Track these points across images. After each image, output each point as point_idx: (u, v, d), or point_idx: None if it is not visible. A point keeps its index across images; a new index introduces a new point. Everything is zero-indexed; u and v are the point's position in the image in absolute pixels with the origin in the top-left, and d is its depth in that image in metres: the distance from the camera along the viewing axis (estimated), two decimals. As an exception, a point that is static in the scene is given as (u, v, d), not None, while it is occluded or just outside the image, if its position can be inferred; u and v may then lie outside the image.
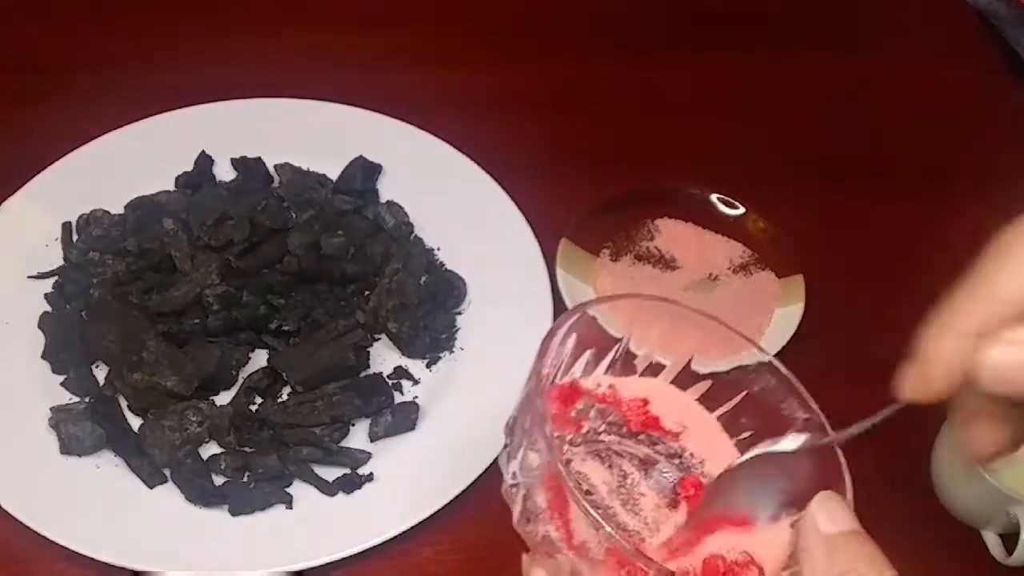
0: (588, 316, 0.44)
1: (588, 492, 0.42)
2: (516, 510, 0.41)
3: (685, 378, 0.46)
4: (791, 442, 0.42)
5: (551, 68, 0.90)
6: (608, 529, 0.36)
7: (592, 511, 0.36)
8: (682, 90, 0.90)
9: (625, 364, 0.46)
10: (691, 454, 0.45)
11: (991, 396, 0.36)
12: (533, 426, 0.39)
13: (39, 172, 0.77)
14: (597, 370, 0.46)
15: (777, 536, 0.41)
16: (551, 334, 0.42)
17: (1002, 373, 0.35)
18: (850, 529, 0.38)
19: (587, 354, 0.45)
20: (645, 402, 0.45)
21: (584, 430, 0.44)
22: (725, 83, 0.91)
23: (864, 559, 0.37)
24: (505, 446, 0.42)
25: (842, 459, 0.42)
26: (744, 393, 0.45)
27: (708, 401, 0.46)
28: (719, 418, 0.46)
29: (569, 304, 0.71)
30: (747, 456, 0.42)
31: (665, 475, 0.44)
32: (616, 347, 0.45)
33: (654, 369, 0.46)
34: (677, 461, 0.45)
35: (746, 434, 0.45)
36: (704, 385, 0.46)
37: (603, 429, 0.45)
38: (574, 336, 0.43)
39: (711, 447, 0.45)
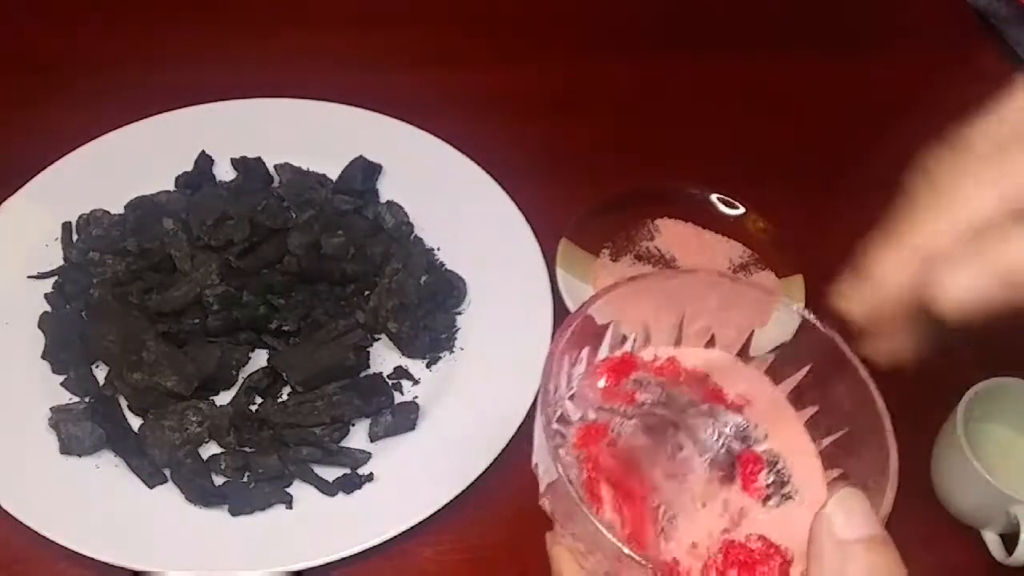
0: (588, 320, 0.43)
1: (633, 466, 0.41)
2: (543, 483, 0.40)
3: (745, 352, 0.45)
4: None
5: (551, 68, 0.90)
6: (614, 541, 0.35)
7: (598, 524, 0.35)
8: (682, 90, 0.90)
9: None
10: (756, 426, 0.43)
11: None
12: (548, 457, 0.38)
13: (39, 172, 0.77)
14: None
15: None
16: (551, 354, 0.41)
17: (968, 303, 0.35)
18: (868, 536, 0.34)
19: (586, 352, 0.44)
20: (706, 375, 0.44)
21: (640, 402, 0.43)
22: (725, 83, 0.91)
23: (880, 573, 0.34)
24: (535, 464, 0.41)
25: (875, 392, 0.41)
26: (808, 367, 0.43)
27: (773, 374, 0.45)
28: (787, 394, 0.44)
29: (569, 304, 0.71)
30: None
31: (722, 450, 0.43)
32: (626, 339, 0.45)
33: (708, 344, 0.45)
34: (739, 435, 0.43)
35: (811, 410, 0.44)
36: (768, 358, 0.45)
37: (662, 401, 0.43)
38: (578, 347, 0.43)
39: (776, 421, 0.44)
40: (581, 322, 0.42)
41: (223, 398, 0.68)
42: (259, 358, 0.70)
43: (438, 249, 0.76)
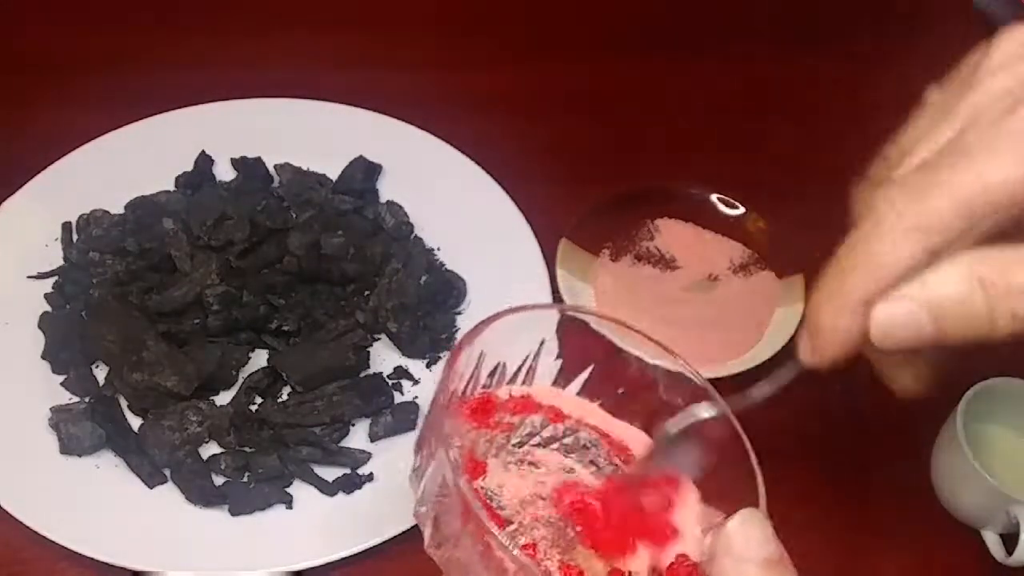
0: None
1: (500, 508, 0.41)
2: (427, 533, 0.39)
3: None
4: (706, 410, 0.41)
5: (551, 68, 0.90)
6: (515, 552, 0.34)
7: (497, 534, 0.34)
8: (682, 90, 0.90)
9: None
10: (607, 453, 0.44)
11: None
12: (438, 445, 0.37)
13: (39, 172, 0.77)
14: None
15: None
16: (458, 347, 0.40)
17: (894, 331, 0.36)
18: (764, 558, 0.34)
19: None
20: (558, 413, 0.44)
21: (513, 439, 0.43)
22: (725, 83, 0.91)
23: None
24: (414, 468, 0.41)
25: (743, 436, 0.40)
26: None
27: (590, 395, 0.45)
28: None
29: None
30: (659, 436, 0.41)
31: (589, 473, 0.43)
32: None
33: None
34: (595, 460, 0.44)
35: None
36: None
37: (528, 435, 0.44)
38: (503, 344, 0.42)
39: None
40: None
41: (223, 398, 0.68)
42: (259, 358, 0.70)
43: (438, 249, 0.76)
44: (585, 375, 0.45)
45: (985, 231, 0.35)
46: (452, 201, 0.78)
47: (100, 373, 0.68)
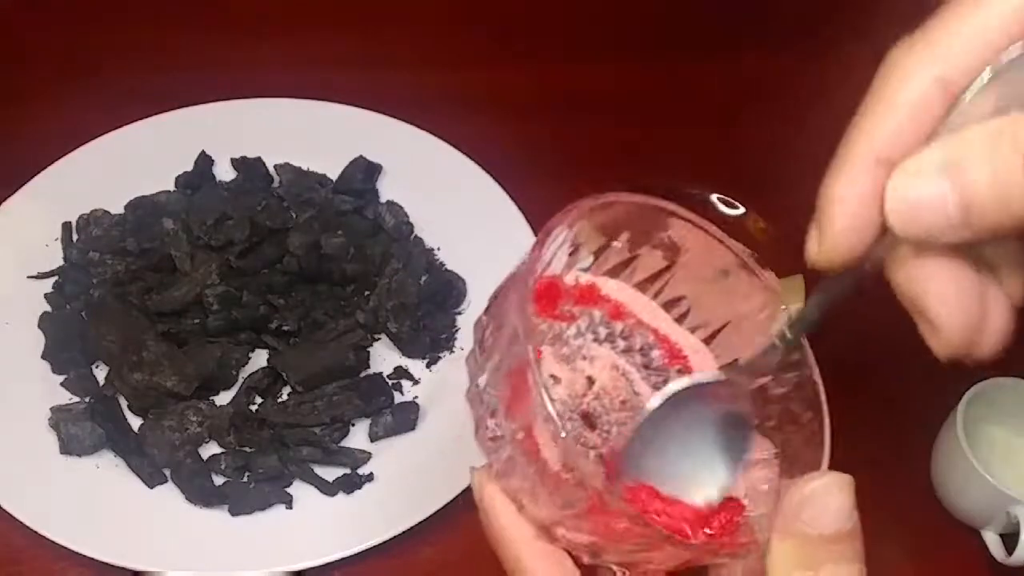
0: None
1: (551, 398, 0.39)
2: (477, 414, 0.37)
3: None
4: (702, 375, 0.39)
5: (551, 68, 0.90)
6: (563, 434, 0.32)
7: (552, 411, 0.32)
8: (682, 90, 0.90)
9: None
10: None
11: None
12: (511, 310, 0.35)
13: (39, 172, 0.77)
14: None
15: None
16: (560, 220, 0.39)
17: (909, 211, 0.29)
18: (836, 530, 0.32)
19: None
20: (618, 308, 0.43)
21: (570, 330, 0.42)
22: (725, 83, 0.91)
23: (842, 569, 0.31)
24: (476, 341, 0.39)
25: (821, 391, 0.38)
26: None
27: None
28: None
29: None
30: (659, 396, 0.38)
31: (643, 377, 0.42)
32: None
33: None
34: (648, 364, 0.42)
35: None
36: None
37: (587, 329, 0.42)
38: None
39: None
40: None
41: (223, 398, 0.68)
42: (259, 358, 0.70)
43: (438, 249, 0.76)
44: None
45: (1009, 100, 0.29)
46: (452, 201, 0.78)
47: (100, 373, 0.68)
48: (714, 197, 0.79)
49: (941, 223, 0.28)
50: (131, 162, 0.78)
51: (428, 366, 0.70)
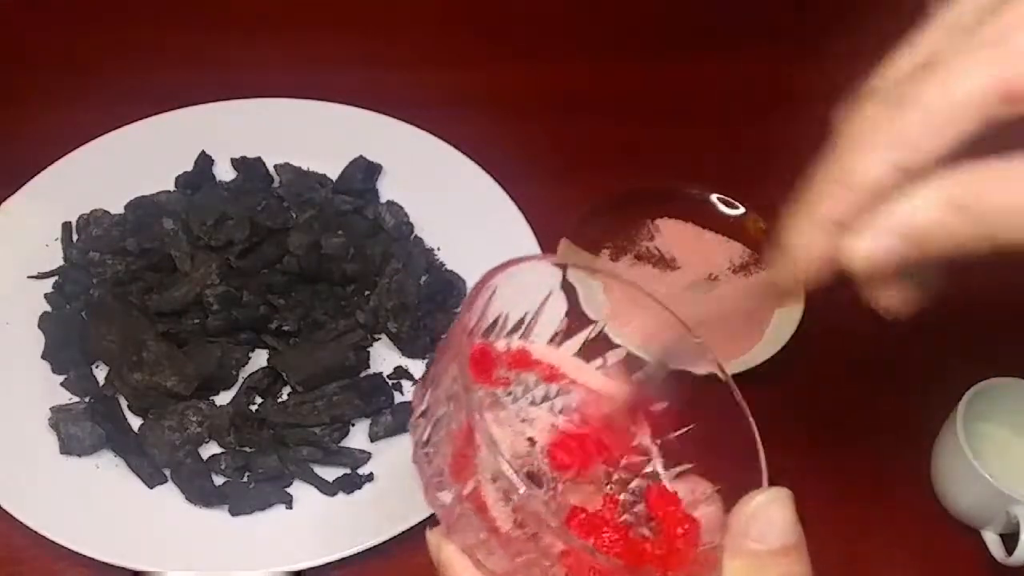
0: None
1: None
2: (425, 476, 0.38)
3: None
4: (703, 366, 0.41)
5: (551, 68, 0.90)
6: (521, 489, 0.33)
7: (508, 466, 0.33)
8: (682, 90, 0.90)
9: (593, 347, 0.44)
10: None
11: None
12: (448, 376, 0.36)
13: (39, 172, 0.77)
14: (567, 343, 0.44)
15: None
16: (477, 288, 0.39)
17: (875, 263, 0.35)
18: (782, 544, 0.34)
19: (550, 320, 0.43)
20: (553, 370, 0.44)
21: (506, 395, 0.43)
22: (726, 83, 0.91)
23: None
24: (417, 407, 0.39)
25: (750, 417, 0.40)
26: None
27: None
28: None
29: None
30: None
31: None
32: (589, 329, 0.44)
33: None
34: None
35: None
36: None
37: (523, 393, 0.43)
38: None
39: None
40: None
41: (223, 398, 0.68)
42: (259, 358, 0.70)
43: (438, 249, 0.76)
44: (585, 334, 0.44)
45: (963, 143, 0.33)
46: (452, 201, 0.78)
47: (100, 373, 0.68)
48: (714, 197, 0.79)
49: (894, 265, 0.35)
50: (131, 162, 0.78)
51: (428, 366, 0.70)
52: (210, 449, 0.65)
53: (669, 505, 0.41)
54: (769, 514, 0.34)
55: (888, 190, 0.34)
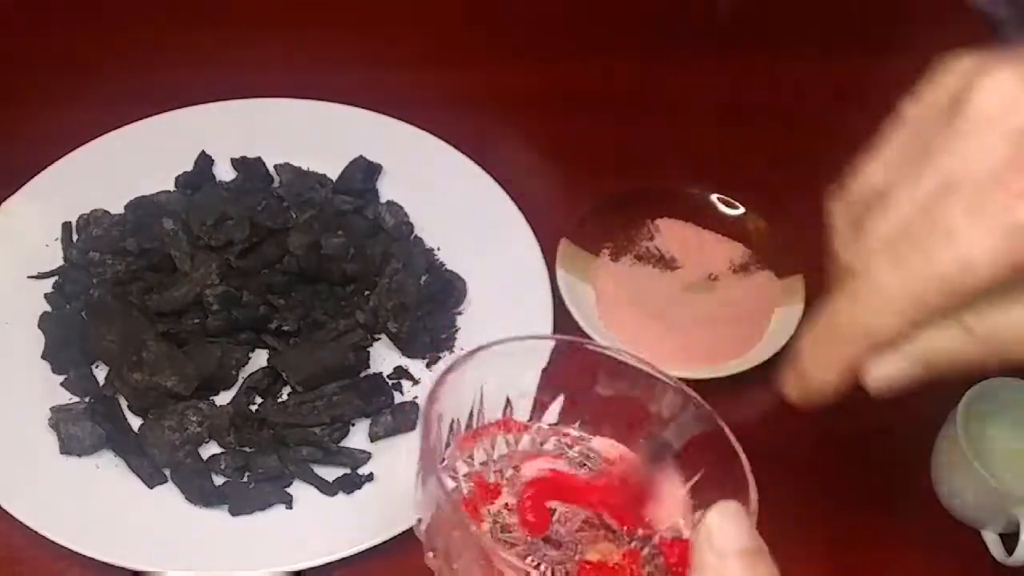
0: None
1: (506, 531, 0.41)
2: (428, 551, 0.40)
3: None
4: (696, 422, 0.42)
5: (551, 68, 0.90)
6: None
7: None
8: (682, 90, 0.90)
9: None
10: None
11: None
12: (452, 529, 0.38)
13: (39, 172, 0.77)
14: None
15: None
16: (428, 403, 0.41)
17: (884, 386, 0.38)
18: (740, 549, 0.34)
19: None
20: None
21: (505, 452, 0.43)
22: (725, 83, 0.91)
23: None
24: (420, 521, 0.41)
25: (742, 456, 0.40)
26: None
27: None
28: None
29: (569, 303, 0.71)
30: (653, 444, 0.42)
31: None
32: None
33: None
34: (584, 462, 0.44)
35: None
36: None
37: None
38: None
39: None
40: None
41: (223, 398, 0.68)
42: (259, 358, 0.70)
43: (438, 249, 0.76)
44: (560, 402, 0.45)
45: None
46: (452, 201, 0.78)
47: (100, 373, 0.68)
48: (714, 197, 0.79)
49: (907, 385, 0.39)
50: (131, 162, 0.78)
51: (428, 366, 0.70)
52: (210, 449, 0.65)
53: (685, 553, 0.40)
54: (723, 524, 0.35)
55: (902, 337, 0.38)
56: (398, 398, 0.68)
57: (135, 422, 0.66)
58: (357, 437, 0.67)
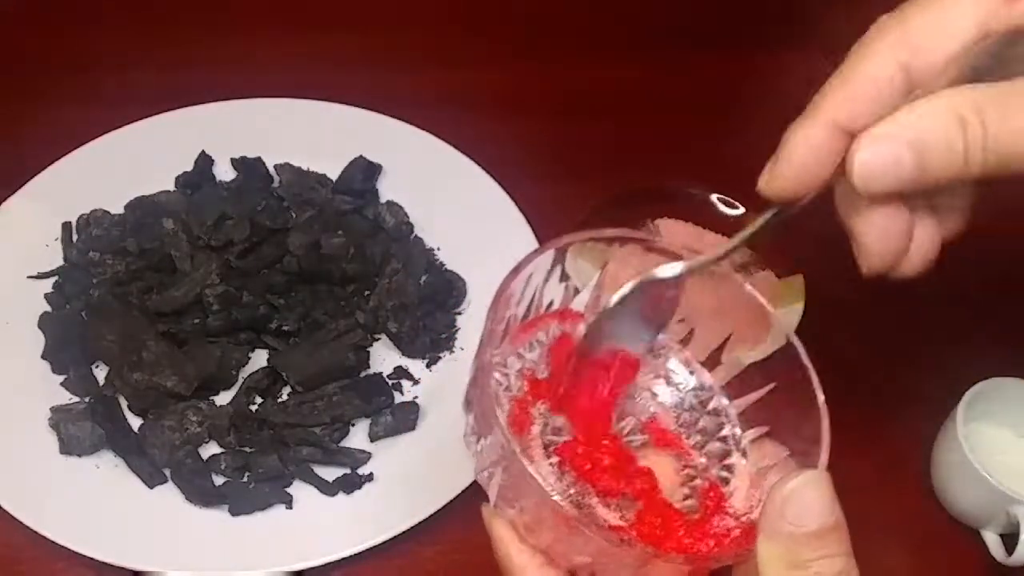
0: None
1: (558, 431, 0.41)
2: (492, 494, 0.39)
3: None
4: (670, 269, 0.42)
5: (551, 68, 0.90)
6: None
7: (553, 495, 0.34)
8: (682, 90, 0.90)
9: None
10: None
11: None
12: (486, 412, 0.37)
13: (39, 172, 0.77)
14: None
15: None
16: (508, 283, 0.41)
17: (875, 174, 0.34)
18: (820, 526, 0.33)
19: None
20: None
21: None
22: (726, 83, 0.91)
23: (829, 562, 0.33)
24: (470, 429, 0.40)
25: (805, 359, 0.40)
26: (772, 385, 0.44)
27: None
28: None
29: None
30: (627, 289, 0.42)
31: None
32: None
33: None
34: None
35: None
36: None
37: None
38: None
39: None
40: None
41: (223, 398, 0.68)
42: (259, 358, 0.70)
43: (438, 249, 0.76)
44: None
45: (964, 68, 0.34)
46: (452, 201, 0.78)
47: (100, 373, 0.68)
48: (714, 197, 0.79)
49: (894, 183, 0.34)
50: (131, 162, 0.78)
51: (428, 366, 0.70)
52: (210, 449, 0.65)
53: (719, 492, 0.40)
54: (805, 495, 0.33)
55: (891, 98, 0.35)
56: (398, 398, 0.68)
57: (135, 422, 0.66)
58: (357, 437, 0.67)
